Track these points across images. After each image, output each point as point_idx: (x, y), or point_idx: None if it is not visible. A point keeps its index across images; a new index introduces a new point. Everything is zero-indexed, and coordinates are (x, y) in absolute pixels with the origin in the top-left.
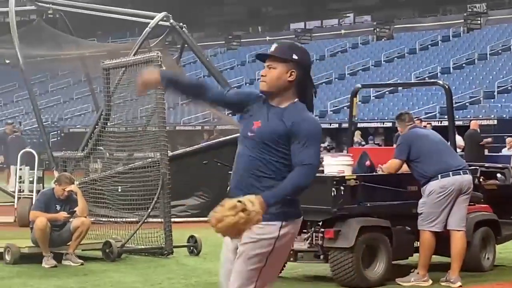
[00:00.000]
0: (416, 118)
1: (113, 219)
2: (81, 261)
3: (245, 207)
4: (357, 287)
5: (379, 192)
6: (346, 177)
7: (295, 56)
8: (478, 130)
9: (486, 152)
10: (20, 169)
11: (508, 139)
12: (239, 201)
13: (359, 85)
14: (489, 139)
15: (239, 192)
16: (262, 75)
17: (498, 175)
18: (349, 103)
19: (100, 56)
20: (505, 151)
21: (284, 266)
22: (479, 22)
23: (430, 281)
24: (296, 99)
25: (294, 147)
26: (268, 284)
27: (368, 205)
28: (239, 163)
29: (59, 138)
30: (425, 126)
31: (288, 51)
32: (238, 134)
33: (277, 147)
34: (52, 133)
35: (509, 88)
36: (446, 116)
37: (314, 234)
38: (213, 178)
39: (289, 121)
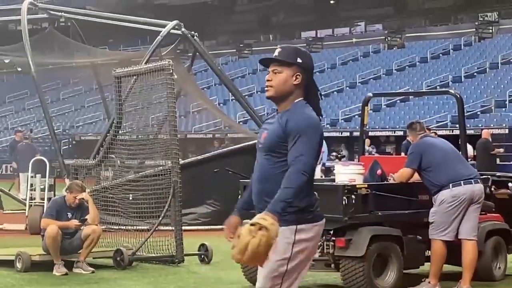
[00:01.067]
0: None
1: (124, 227)
2: (92, 269)
3: (261, 225)
4: None
5: (390, 201)
6: (357, 186)
7: (299, 60)
8: (490, 139)
9: (498, 161)
10: (32, 176)
11: None
12: (252, 224)
13: (370, 94)
14: (501, 150)
15: (257, 203)
16: (267, 80)
17: (510, 184)
18: (360, 112)
19: (111, 64)
20: None
21: None
22: (490, 31)
23: None
24: (298, 99)
25: (289, 145)
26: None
27: (379, 214)
28: (254, 173)
29: (70, 146)
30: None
31: (293, 55)
32: (249, 142)
33: (281, 152)
34: (64, 140)
35: None
36: (457, 125)
37: (325, 242)
38: (224, 186)
39: (284, 121)
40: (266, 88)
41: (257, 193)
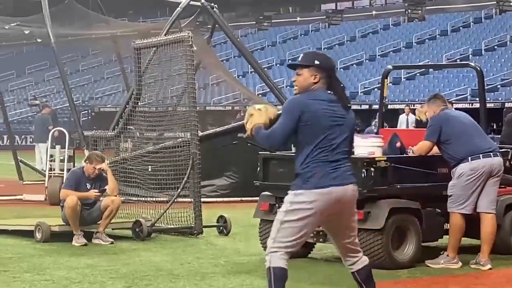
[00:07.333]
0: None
1: (143, 199)
2: (111, 240)
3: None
4: (386, 268)
5: (409, 173)
6: (377, 159)
7: (317, 62)
8: None
9: None
10: (52, 147)
11: None
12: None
13: (390, 67)
14: None
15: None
16: (293, 81)
17: None
18: (379, 85)
19: (131, 36)
20: None
21: (313, 246)
22: (511, 3)
23: (460, 264)
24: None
25: None
26: (284, 241)
27: (398, 186)
28: None
29: (89, 117)
30: None
31: (311, 58)
32: None
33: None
34: (83, 112)
35: None
36: (477, 98)
37: None
38: (243, 158)
39: None
40: (294, 88)
41: None
